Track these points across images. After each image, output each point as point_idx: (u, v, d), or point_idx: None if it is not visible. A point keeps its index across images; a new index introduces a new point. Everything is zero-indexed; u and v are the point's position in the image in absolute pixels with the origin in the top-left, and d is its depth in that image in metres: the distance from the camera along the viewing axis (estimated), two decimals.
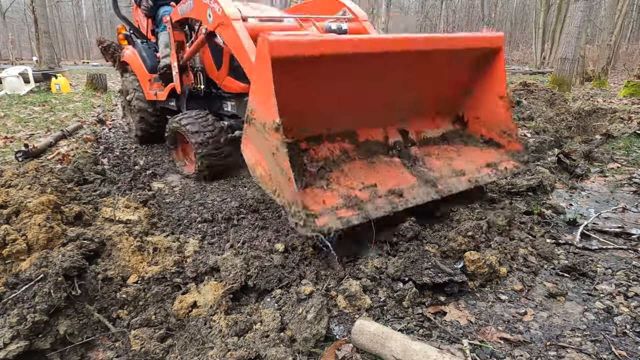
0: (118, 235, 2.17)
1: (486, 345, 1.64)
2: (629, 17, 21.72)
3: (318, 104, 2.35)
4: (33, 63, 18.08)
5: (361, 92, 2.45)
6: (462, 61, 2.70)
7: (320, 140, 2.47)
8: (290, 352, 1.55)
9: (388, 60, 2.30)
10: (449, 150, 2.85)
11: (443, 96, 2.87)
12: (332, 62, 2.07)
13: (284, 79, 1.88)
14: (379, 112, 2.65)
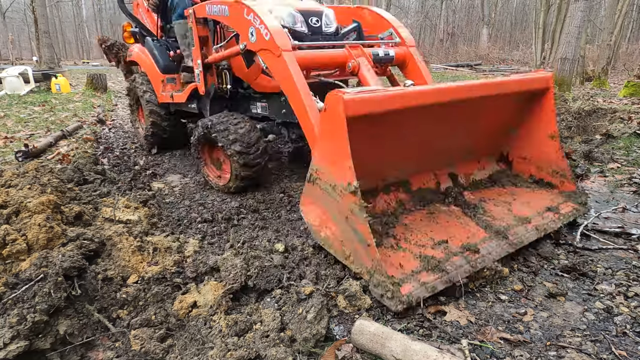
0: (118, 235, 2.17)
1: (486, 345, 1.64)
2: (629, 17, 21.73)
3: (381, 157, 2.27)
4: (33, 63, 18.08)
5: (418, 141, 2.39)
6: (511, 102, 2.63)
7: (376, 192, 2.36)
8: (290, 352, 1.55)
9: (449, 109, 2.24)
10: (503, 193, 2.73)
11: (489, 137, 2.81)
12: (399, 115, 2.01)
13: (359, 138, 1.83)
14: (431, 158, 2.59)
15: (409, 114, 2.06)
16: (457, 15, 37.38)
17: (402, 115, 2.04)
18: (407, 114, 2.04)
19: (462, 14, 37.57)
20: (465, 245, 2.09)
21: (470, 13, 36.79)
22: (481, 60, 25.88)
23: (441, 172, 2.68)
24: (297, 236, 2.52)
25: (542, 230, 2.35)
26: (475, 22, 34.78)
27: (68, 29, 45.53)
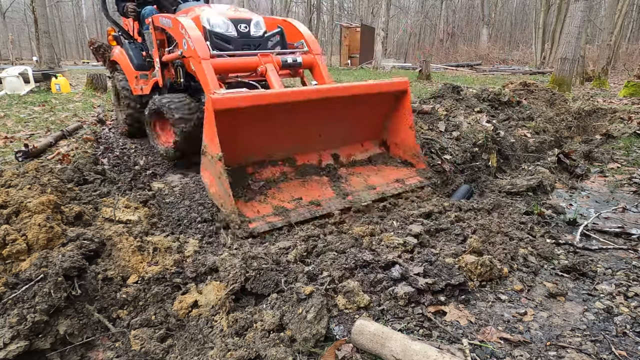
0: (118, 235, 2.17)
1: (486, 345, 1.64)
2: (629, 17, 21.73)
3: (258, 138, 2.99)
4: (33, 63, 18.08)
5: (295, 128, 3.11)
6: (378, 101, 3.43)
7: (264, 164, 3.12)
8: (290, 352, 1.55)
9: (310, 105, 2.93)
10: (371, 169, 3.50)
11: (369, 127, 3.61)
12: (263, 109, 2.73)
13: (226, 124, 2.59)
14: (314, 142, 3.32)
15: (273, 109, 2.80)
16: (457, 15, 37.38)
17: (269, 109, 2.79)
18: (272, 109, 2.79)
19: (462, 14, 37.58)
20: (312, 201, 2.92)
21: (470, 13, 36.79)
22: (481, 60, 25.88)
23: (325, 152, 3.42)
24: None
25: (381, 193, 3.14)
26: (475, 22, 34.78)
27: (68, 29, 45.53)
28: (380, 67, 21.27)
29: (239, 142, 2.86)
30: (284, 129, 3.05)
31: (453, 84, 5.78)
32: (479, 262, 2.06)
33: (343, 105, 3.14)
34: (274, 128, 2.99)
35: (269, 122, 2.92)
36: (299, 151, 3.29)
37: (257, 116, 2.81)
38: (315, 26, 31.81)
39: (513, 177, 3.81)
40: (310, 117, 3.10)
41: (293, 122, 3.05)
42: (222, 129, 2.54)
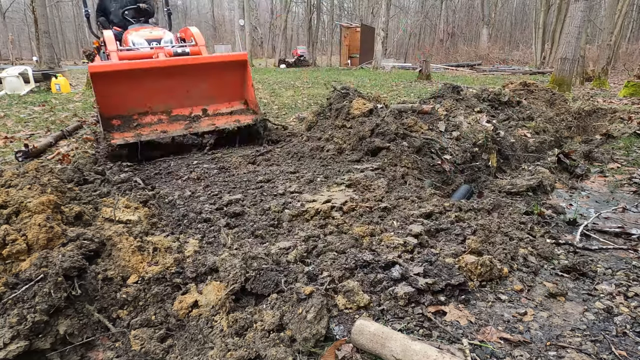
0: (118, 235, 2.17)
1: (486, 345, 1.64)
2: (629, 17, 21.72)
3: (138, 95, 4.52)
4: (33, 63, 18.06)
5: (167, 87, 4.64)
6: (228, 69, 4.90)
7: (147, 114, 4.65)
8: (290, 352, 1.55)
9: (170, 71, 4.54)
10: (226, 115, 4.95)
11: (232, 90, 5.07)
12: (131, 73, 4.32)
13: (102, 83, 4.19)
14: (186, 100, 4.83)
15: (143, 73, 4.39)
16: (457, 15, 37.36)
17: (140, 74, 4.37)
18: (141, 73, 4.38)
19: (462, 14, 37.56)
20: (163, 130, 4.51)
21: (470, 13, 36.78)
22: (481, 60, 25.87)
23: (197, 107, 4.91)
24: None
25: (215, 126, 4.67)
26: (475, 22, 34.77)
27: (68, 29, 45.52)
28: (380, 67, 21.26)
29: (118, 98, 4.40)
30: (158, 88, 4.57)
31: (453, 84, 5.78)
32: (479, 262, 2.06)
33: (192, 74, 4.67)
34: (149, 88, 4.51)
35: (144, 82, 4.44)
36: (175, 106, 4.77)
37: (132, 78, 4.33)
38: (315, 26, 31.80)
39: (513, 177, 3.81)
40: (174, 81, 4.63)
41: (162, 82, 4.55)
42: (102, 87, 4.17)
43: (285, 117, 7.01)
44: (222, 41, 43.05)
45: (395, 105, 4.99)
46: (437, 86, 7.56)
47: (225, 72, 4.88)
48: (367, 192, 3.14)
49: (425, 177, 3.65)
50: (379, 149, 3.91)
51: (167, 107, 4.73)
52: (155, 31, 5.69)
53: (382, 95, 5.44)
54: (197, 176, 3.72)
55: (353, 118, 4.43)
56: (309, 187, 3.33)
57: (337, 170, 3.69)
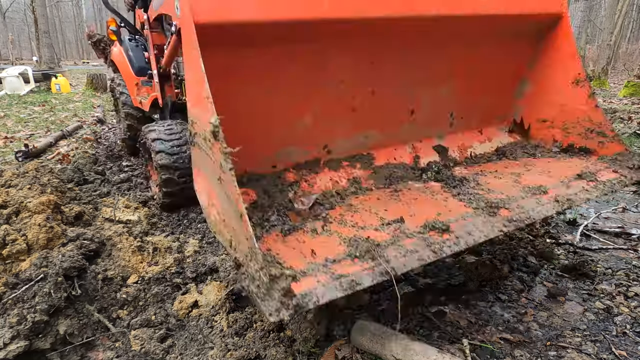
0: (118, 235, 2.17)
1: (486, 345, 1.64)
2: (629, 17, 21.73)
3: (302, 114, 1.68)
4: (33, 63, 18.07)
5: (369, 97, 1.79)
6: (509, 39, 1.98)
7: (317, 165, 1.79)
8: (290, 352, 1.55)
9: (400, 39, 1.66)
10: (512, 165, 2.06)
11: (489, 94, 2.14)
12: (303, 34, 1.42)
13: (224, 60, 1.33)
14: (400, 121, 1.95)
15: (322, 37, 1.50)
16: None
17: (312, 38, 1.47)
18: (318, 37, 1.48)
19: None
20: (429, 223, 1.43)
21: None
22: None
23: (422, 142, 2.07)
24: None
25: (564, 202, 1.62)
26: None
27: (68, 29, 45.55)
28: None
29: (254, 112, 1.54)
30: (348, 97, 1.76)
31: None
32: (479, 262, 2.06)
33: (445, 47, 1.86)
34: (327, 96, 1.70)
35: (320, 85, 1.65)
36: (378, 141, 1.94)
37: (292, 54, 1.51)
38: None
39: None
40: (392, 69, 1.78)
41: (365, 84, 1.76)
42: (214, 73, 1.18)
43: None
44: None
45: None
46: None
47: (503, 46, 2.03)
48: None
49: None
50: None
51: (363, 145, 1.93)
52: None
53: None
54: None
55: None
56: None
57: None
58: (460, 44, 1.85)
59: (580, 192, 1.69)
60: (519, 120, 2.27)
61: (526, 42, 2.03)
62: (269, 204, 1.56)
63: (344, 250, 1.28)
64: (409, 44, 1.70)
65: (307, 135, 1.73)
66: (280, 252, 1.26)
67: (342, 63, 1.62)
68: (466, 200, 1.65)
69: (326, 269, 1.18)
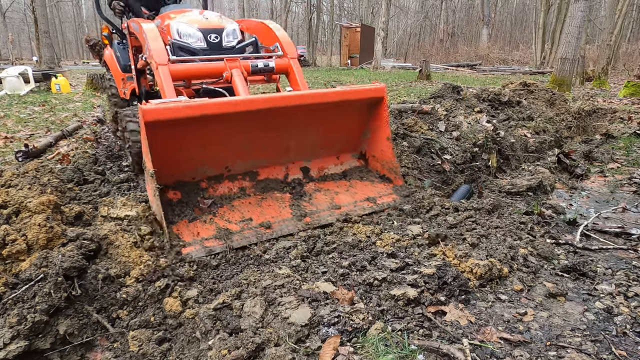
0: (114, 233, 2.16)
1: (486, 345, 1.64)
2: (629, 17, 21.73)
3: (211, 150, 2.70)
4: (33, 63, 18.08)
5: (255, 139, 2.80)
6: (352, 109, 3.08)
7: (221, 179, 2.82)
8: (289, 351, 1.55)
9: (271, 114, 2.66)
10: (343, 185, 3.13)
11: (344, 137, 3.26)
12: (208, 119, 2.42)
13: (163, 136, 2.39)
14: (279, 154, 2.99)
15: (225, 118, 2.53)
16: (457, 15, 37.38)
17: (219, 119, 2.50)
18: (223, 118, 2.51)
19: (462, 14, 37.57)
20: (262, 222, 2.56)
21: (470, 13, 36.79)
22: (481, 60, 25.87)
23: (294, 165, 3.09)
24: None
25: (344, 214, 2.76)
26: (475, 22, 34.78)
27: (68, 29, 45.55)
28: (380, 67, 21.27)
29: (188, 155, 2.62)
30: (239, 139, 2.75)
31: (453, 84, 5.78)
32: (479, 262, 2.06)
33: (309, 114, 2.88)
34: (226, 138, 2.70)
35: (221, 132, 2.65)
36: (263, 164, 2.98)
37: (204, 126, 2.54)
38: (315, 26, 31.82)
39: (513, 177, 3.81)
40: (271, 127, 2.80)
41: (250, 132, 2.75)
42: (160, 142, 2.34)
43: None
44: None
45: (395, 105, 4.99)
46: (437, 86, 7.58)
47: (347, 114, 3.11)
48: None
49: (425, 177, 3.65)
50: None
51: (250, 165, 2.94)
52: (211, 16, 3.76)
53: None
54: None
55: None
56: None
57: None
58: (322, 112, 2.93)
59: (359, 210, 2.84)
60: (363, 153, 3.40)
61: (367, 109, 3.17)
62: (186, 201, 2.63)
63: (213, 234, 2.42)
64: (285, 117, 2.78)
65: (216, 160, 2.78)
66: (182, 232, 2.40)
67: (241, 131, 2.71)
68: (294, 209, 2.75)
69: (200, 243, 2.33)
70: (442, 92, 5.58)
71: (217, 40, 3.53)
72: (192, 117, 2.34)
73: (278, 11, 35.08)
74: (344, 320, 1.69)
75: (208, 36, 3.49)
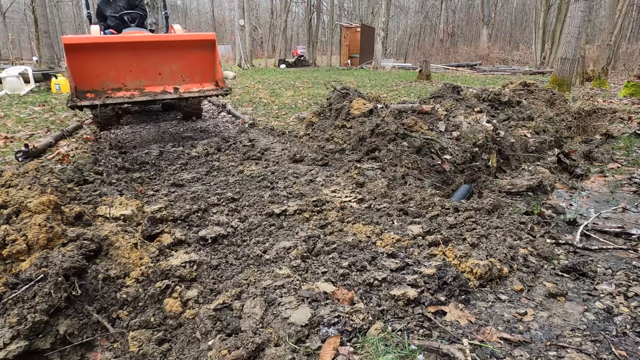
0: (114, 234, 2.17)
1: (486, 345, 1.64)
2: (629, 17, 21.72)
3: (113, 70, 4.71)
4: (33, 63, 18.06)
5: (140, 66, 4.87)
6: (197, 48, 5.11)
7: (120, 89, 4.82)
8: (289, 351, 1.55)
9: (142, 48, 4.77)
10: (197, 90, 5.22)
11: (202, 72, 5.27)
12: (106, 46, 4.54)
13: (77, 57, 4.37)
14: (158, 78, 5.05)
15: (115, 47, 4.62)
16: (457, 15, 37.38)
17: (111, 48, 4.59)
18: (114, 47, 4.61)
19: (462, 14, 37.57)
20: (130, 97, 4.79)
21: (470, 13, 36.79)
22: (481, 60, 25.87)
23: (169, 86, 5.09)
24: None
25: (179, 94, 4.95)
26: (475, 22, 34.77)
27: (68, 29, 45.50)
28: (380, 67, 21.27)
29: (96, 72, 4.63)
30: (132, 65, 4.79)
31: (453, 84, 5.78)
32: (479, 262, 2.06)
33: (165, 52, 4.91)
34: (123, 64, 4.72)
35: (119, 59, 4.65)
36: (147, 84, 4.97)
37: (106, 53, 4.54)
38: (315, 26, 31.81)
39: (513, 177, 3.81)
40: (146, 58, 4.82)
41: (135, 61, 4.77)
42: (77, 61, 4.35)
43: (285, 118, 7.01)
44: (222, 41, 43.05)
45: (395, 105, 4.99)
46: (437, 86, 7.57)
47: (194, 52, 5.08)
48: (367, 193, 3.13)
49: (425, 177, 3.65)
50: (379, 149, 3.91)
51: (141, 83, 4.90)
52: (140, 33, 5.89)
53: (382, 95, 5.44)
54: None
55: (353, 118, 4.43)
56: (310, 188, 3.33)
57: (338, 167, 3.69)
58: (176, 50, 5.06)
59: (193, 92, 5.14)
60: (216, 80, 5.37)
61: (211, 49, 5.21)
62: (97, 100, 4.52)
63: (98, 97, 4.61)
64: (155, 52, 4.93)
65: (116, 78, 4.80)
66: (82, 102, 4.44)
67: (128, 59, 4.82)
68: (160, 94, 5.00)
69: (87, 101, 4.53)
70: (442, 92, 5.58)
71: None
72: (91, 43, 4.46)
73: (278, 11, 35.07)
74: (344, 320, 1.69)
75: None
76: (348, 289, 1.95)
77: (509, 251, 2.27)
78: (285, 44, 34.26)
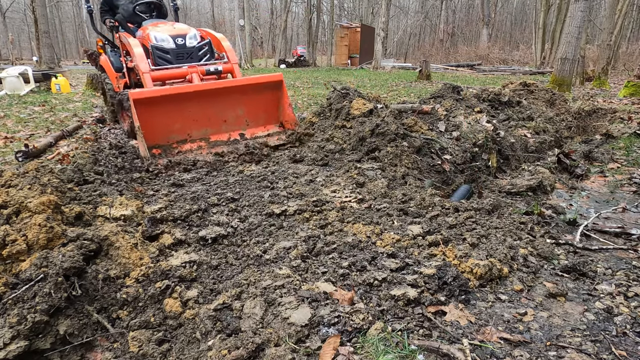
0: (114, 234, 2.17)
1: (486, 345, 1.64)
2: (629, 17, 21.72)
3: (177, 122, 4.31)
4: (33, 63, 18.07)
5: (205, 115, 4.43)
6: (263, 91, 4.74)
7: (185, 142, 4.40)
8: (289, 351, 1.55)
9: (206, 96, 4.33)
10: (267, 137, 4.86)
11: (266, 113, 4.88)
12: (172, 99, 4.13)
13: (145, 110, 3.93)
14: (223, 125, 4.63)
15: (182, 100, 4.20)
16: (457, 15, 37.38)
17: (179, 100, 4.18)
18: (181, 100, 4.19)
19: (462, 14, 37.58)
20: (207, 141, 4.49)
21: (470, 13, 36.80)
22: (481, 60, 25.88)
23: (234, 132, 4.67)
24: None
25: (254, 137, 4.66)
26: (475, 22, 34.78)
27: (68, 29, 45.53)
28: (380, 67, 21.28)
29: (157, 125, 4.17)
30: (196, 115, 4.37)
31: (453, 84, 5.78)
32: (479, 262, 2.06)
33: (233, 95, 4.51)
34: (189, 113, 4.33)
35: (185, 108, 4.28)
36: (212, 133, 4.55)
37: (170, 105, 4.15)
38: (315, 26, 31.82)
39: (513, 177, 3.81)
40: (211, 106, 4.43)
41: (200, 109, 4.36)
42: (143, 114, 3.85)
43: None
44: None
45: (395, 105, 4.99)
46: (437, 86, 7.57)
47: (260, 95, 4.69)
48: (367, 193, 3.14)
49: (425, 177, 3.65)
50: (379, 149, 3.91)
51: (206, 133, 4.48)
52: (178, 26, 5.28)
53: (382, 95, 5.45)
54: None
55: (353, 118, 4.43)
56: (310, 188, 3.33)
57: (337, 167, 3.69)
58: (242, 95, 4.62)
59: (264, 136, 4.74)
60: (281, 122, 4.97)
61: (277, 90, 4.85)
62: (164, 155, 4.11)
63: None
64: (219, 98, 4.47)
65: (181, 130, 4.36)
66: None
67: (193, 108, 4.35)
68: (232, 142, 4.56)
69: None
70: (442, 92, 5.58)
71: (182, 42, 4.98)
72: (158, 96, 3.99)
73: (278, 11, 35.07)
74: (344, 320, 1.69)
75: (175, 39, 4.96)
76: (348, 289, 1.95)
77: (509, 251, 2.27)
78: (285, 44, 34.27)
